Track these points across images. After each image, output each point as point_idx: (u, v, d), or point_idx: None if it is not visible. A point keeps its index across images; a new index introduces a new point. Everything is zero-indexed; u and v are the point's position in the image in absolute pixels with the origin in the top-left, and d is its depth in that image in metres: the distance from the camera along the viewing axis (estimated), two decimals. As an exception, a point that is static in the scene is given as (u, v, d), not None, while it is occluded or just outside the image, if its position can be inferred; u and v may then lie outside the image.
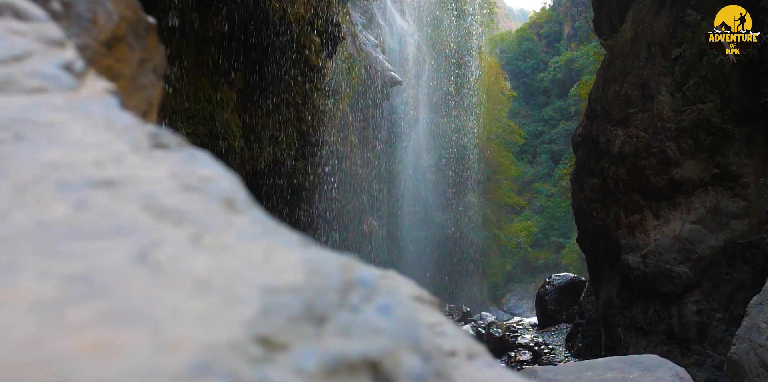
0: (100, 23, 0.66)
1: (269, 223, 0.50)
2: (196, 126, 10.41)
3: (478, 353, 0.49)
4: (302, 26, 11.56)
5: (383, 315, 0.41)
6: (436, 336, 0.49)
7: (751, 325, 7.02)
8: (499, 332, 18.94)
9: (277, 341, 0.38)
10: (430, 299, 0.58)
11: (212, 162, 0.56)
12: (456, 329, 0.53)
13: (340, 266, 0.45)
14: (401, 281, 0.59)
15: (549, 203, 46.36)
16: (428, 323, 0.51)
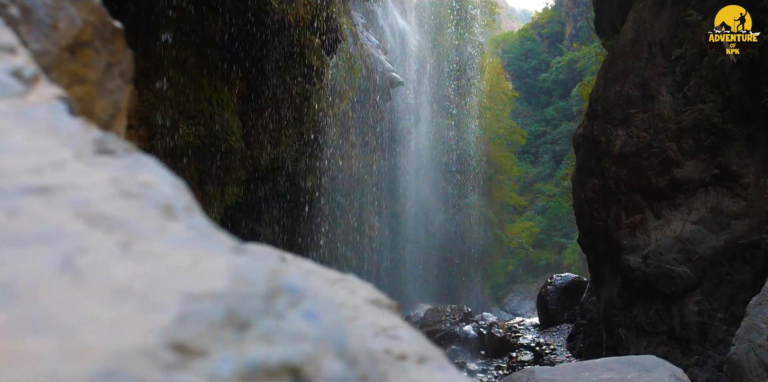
0: (61, 28, 0.66)
1: (205, 229, 0.50)
2: (197, 127, 10.42)
3: (430, 357, 0.49)
4: (302, 27, 11.57)
5: (308, 321, 0.41)
6: (389, 339, 0.49)
7: (751, 325, 7.01)
8: (500, 332, 18.94)
9: (195, 348, 0.38)
10: (388, 303, 0.59)
11: (157, 168, 0.56)
12: (411, 332, 0.53)
13: (267, 272, 0.45)
14: (359, 285, 0.59)
15: (551, 204, 46.34)
16: (382, 326, 0.52)
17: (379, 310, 0.56)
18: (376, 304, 0.57)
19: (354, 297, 0.57)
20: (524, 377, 4.77)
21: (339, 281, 0.59)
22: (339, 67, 18.79)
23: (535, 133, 53.34)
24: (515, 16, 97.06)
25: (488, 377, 16.58)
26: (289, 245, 17.31)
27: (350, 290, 0.59)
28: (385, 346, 0.49)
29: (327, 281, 0.59)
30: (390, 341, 0.50)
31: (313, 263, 0.63)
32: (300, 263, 0.60)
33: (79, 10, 0.70)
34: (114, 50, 0.85)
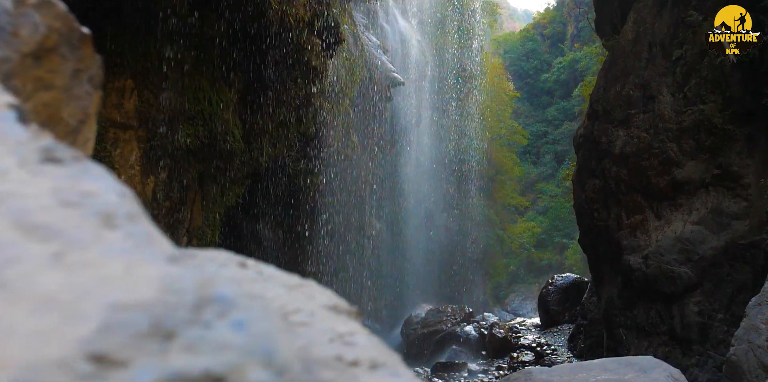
0: (22, 36, 0.66)
1: (145, 237, 0.51)
2: (196, 127, 10.43)
3: (384, 363, 0.49)
4: (302, 27, 11.57)
5: (236, 331, 0.41)
6: (343, 346, 0.50)
7: (750, 326, 7.01)
8: (501, 332, 18.94)
9: (115, 358, 0.38)
10: (347, 309, 0.59)
11: (104, 176, 0.56)
12: (368, 338, 0.53)
13: (197, 282, 0.45)
14: (318, 290, 0.59)
15: (553, 204, 46.32)
16: (338, 332, 0.52)
17: (337, 316, 0.56)
18: (335, 310, 0.58)
19: (311, 303, 0.57)
20: (522, 377, 4.77)
21: (298, 286, 0.60)
22: (339, 67, 18.79)
23: (536, 133, 53.31)
24: (517, 17, 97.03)
25: (489, 378, 16.58)
26: (289, 245, 17.30)
27: (308, 296, 0.59)
28: (336, 352, 0.49)
29: (285, 287, 0.59)
30: (344, 347, 0.50)
31: (274, 269, 0.63)
32: (261, 268, 0.60)
33: (44, 16, 0.70)
34: (82, 56, 0.85)
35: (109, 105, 9.21)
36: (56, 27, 0.72)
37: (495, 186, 38.36)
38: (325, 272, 19.60)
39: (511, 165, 40.33)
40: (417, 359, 19.75)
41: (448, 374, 17.34)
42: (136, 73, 9.39)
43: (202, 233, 11.67)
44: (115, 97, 9.29)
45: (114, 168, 9.20)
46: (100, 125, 9.10)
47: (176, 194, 10.54)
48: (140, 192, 9.59)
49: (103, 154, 9.09)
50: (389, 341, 22.51)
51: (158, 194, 10.07)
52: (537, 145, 53.26)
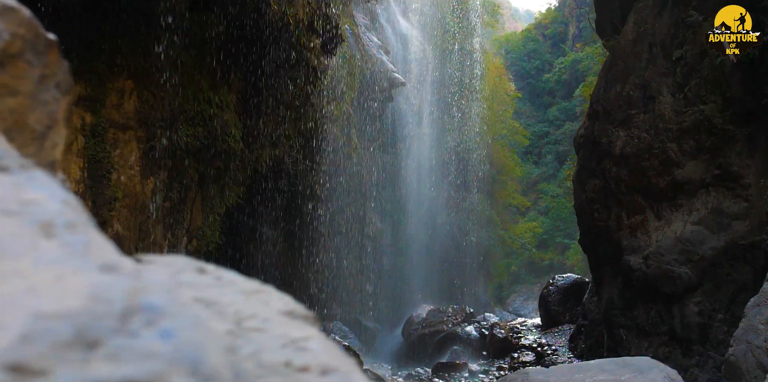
0: (-16, 42, 0.67)
1: (82, 246, 0.51)
2: (196, 128, 10.43)
3: (336, 369, 0.49)
4: (301, 28, 11.57)
5: (163, 339, 0.41)
6: (295, 351, 0.50)
7: (749, 326, 7.00)
8: (502, 333, 18.94)
9: (34, 368, 0.38)
10: (304, 315, 0.59)
11: (49, 184, 0.56)
12: (323, 344, 0.53)
13: (127, 291, 0.45)
14: (275, 296, 0.59)
15: (554, 204, 46.29)
16: (292, 338, 0.52)
17: (292, 321, 0.56)
18: (290, 315, 0.58)
19: (267, 309, 0.58)
20: (518, 378, 4.77)
21: (255, 292, 0.60)
22: (340, 67, 18.79)
23: (538, 133, 53.28)
24: (518, 17, 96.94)
25: (490, 378, 16.58)
26: (289, 245, 17.31)
27: (265, 302, 0.59)
28: (286, 358, 0.49)
29: (242, 293, 0.59)
30: (296, 352, 0.50)
31: (234, 274, 0.63)
32: (220, 274, 0.61)
33: (6, 23, 0.70)
34: (48, 62, 0.86)
35: (108, 106, 9.22)
36: (20, 33, 0.73)
37: (496, 186, 38.34)
38: (326, 272, 19.61)
39: (513, 165, 40.30)
40: (418, 359, 19.75)
41: (448, 375, 17.34)
42: (135, 73, 9.40)
43: (202, 233, 11.68)
44: (115, 97, 9.30)
45: (114, 168, 9.22)
46: (100, 126, 9.11)
47: (176, 194, 10.55)
48: (140, 192, 9.60)
49: (102, 154, 9.10)
50: (390, 341, 22.52)
51: (158, 195, 10.07)
52: (538, 146, 53.24)
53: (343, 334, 20.63)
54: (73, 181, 8.68)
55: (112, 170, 9.17)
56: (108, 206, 9.06)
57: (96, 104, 9.05)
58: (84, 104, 8.88)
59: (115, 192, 9.17)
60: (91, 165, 8.93)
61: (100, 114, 9.05)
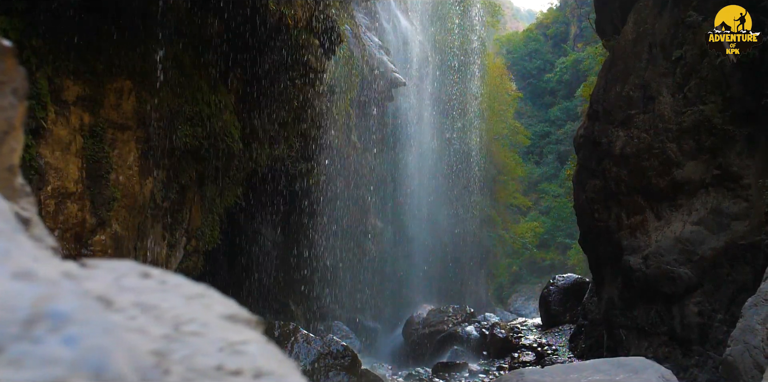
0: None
1: (1, 253, 0.51)
2: (194, 128, 10.44)
3: (271, 373, 0.50)
4: (300, 28, 11.57)
5: (66, 345, 0.42)
6: (231, 355, 0.50)
7: (746, 326, 6.99)
8: (502, 333, 18.94)
9: None
10: (246, 318, 0.59)
11: None
12: (261, 347, 0.54)
13: (35, 298, 0.45)
14: (217, 300, 0.60)
15: (555, 204, 46.33)
16: (230, 341, 0.52)
17: (233, 325, 0.57)
18: (232, 319, 0.58)
19: (208, 313, 0.58)
20: (514, 378, 4.77)
21: (197, 296, 0.60)
22: (340, 67, 18.79)
23: (539, 133, 53.32)
24: (520, 17, 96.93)
25: (490, 378, 16.57)
26: (288, 245, 17.32)
27: (206, 306, 0.59)
28: (219, 362, 0.49)
29: (184, 297, 0.59)
30: (231, 356, 0.51)
31: (180, 278, 0.63)
32: (165, 278, 0.61)
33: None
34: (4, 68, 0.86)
35: (107, 106, 9.22)
36: (-26, 41, 0.73)
37: (497, 186, 38.34)
38: (326, 271, 19.62)
39: (514, 165, 40.30)
40: (418, 359, 19.76)
41: (449, 374, 17.34)
42: (134, 74, 9.40)
43: (201, 233, 11.69)
44: (113, 98, 9.30)
45: (112, 169, 9.22)
46: (99, 126, 9.11)
47: (175, 194, 10.56)
48: (138, 193, 9.61)
49: (101, 155, 9.11)
50: (391, 341, 22.53)
51: (157, 195, 10.08)
52: (540, 146, 53.28)
53: (344, 334, 20.64)
54: (71, 181, 8.68)
55: (110, 170, 9.17)
56: (106, 206, 9.07)
57: (94, 104, 9.05)
58: (82, 104, 8.88)
59: (114, 192, 9.18)
60: (89, 165, 8.94)
61: (98, 114, 9.05)
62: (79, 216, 8.78)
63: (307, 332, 9.93)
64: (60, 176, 8.57)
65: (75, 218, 8.73)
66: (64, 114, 8.70)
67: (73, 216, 8.72)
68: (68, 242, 8.63)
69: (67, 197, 8.66)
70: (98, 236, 8.97)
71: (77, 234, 8.78)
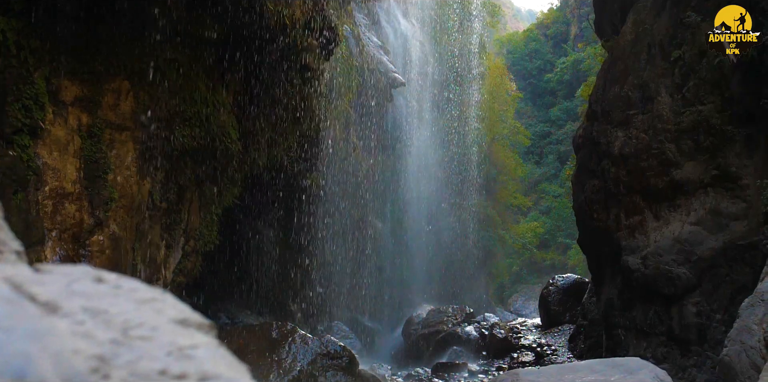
0: None
1: None
2: (192, 128, 10.45)
3: (218, 376, 0.50)
4: (298, 28, 11.58)
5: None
6: (178, 359, 0.51)
7: (743, 327, 6.99)
8: (502, 333, 18.94)
9: None
10: (198, 323, 0.60)
11: None
12: (210, 351, 0.54)
13: None
14: (169, 304, 0.60)
15: (556, 204, 46.32)
16: (179, 345, 0.53)
17: (184, 329, 0.57)
18: (183, 323, 0.59)
19: (159, 317, 0.59)
20: (509, 379, 4.77)
21: (149, 301, 0.61)
22: (339, 67, 18.80)
23: (539, 133, 53.33)
24: (520, 17, 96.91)
25: (489, 378, 16.57)
26: (288, 245, 17.31)
27: (158, 310, 0.60)
28: (163, 366, 0.50)
29: (136, 302, 0.60)
30: (177, 360, 0.51)
31: (136, 283, 0.64)
32: (120, 282, 0.61)
33: None
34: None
35: (105, 106, 9.24)
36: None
37: (497, 186, 38.33)
38: (326, 272, 19.62)
39: (514, 165, 40.29)
40: (418, 359, 19.77)
41: (448, 375, 17.35)
42: (131, 74, 9.41)
43: (199, 233, 11.69)
44: (111, 98, 9.32)
45: (110, 169, 9.24)
46: (97, 126, 9.13)
47: (173, 195, 10.57)
48: (136, 193, 9.62)
49: (99, 155, 9.12)
50: (390, 341, 22.55)
51: (155, 195, 10.09)
52: (540, 146, 53.30)
53: (344, 334, 20.66)
54: (69, 182, 8.70)
55: (108, 171, 9.19)
56: (104, 206, 9.08)
57: (92, 105, 9.07)
58: (80, 105, 8.90)
59: (112, 193, 9.19)
60: (87, 166, 8.95)
61: (96, 115, 9.07)
62: (77, 216, 8.80)
63: (304, 333, 9.94)
64: (58, 177, 8.58)
65: (73, 219, 8.75)
66: (62, 114, 8.71)
67: (71, 216, 8.73)
68: (66, 242, 8.64)
69: (65, 198, 8.67)
70: (96, 236, 8.98)
71: (75, 234, 8.79)
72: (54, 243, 8.48)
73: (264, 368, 9.13)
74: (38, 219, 8.29)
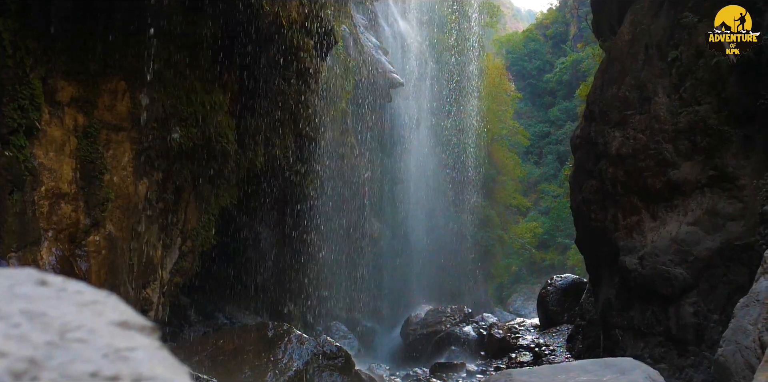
0: None
1: None
2: (189, 129, 10.45)
3: (152, 378, 0.51)
4: (295, 29, 11.59)
5: None
6: (113, 361, 0.51)
7: (738, 327, 6.99)
8: (500, 333, 18.95)
9: None
10: (140, 325, 0.60)
11: None
12: (149, 353, 0.55)
13: None
14: (111, 307, 0.61)
15: (555, 204, 46.31)
16: (116, 348, 0.53)
17: (123, 332, 0.58)
18: (123, 326, 0.59)
19: (99, 320, 0.59)
20: (502, 379, 4.78)
21: (91, 303, 0.61)
22: (337, 68, 18.80)
23: (539, 133, 53.34)
24: (520, 17, 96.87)
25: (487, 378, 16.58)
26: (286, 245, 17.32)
27: (98, 313, 0.60)
28: (95, 368, 0.51)
29: (77, 304, 0.60)
30: (112, 362, 0.52)
31: (82, 285, 0.64)
32: (65, 285, 0.62)
33: None
34: None
35: (101, 107, 9.24)
36: None
37: (496, 186, 38.35)
38: (324, 272, 19.63)
39: (513, 165, 40.31)
40: (416, 359, 19.81)
41: (446, 375, 17.37)
42: (128, 74, 9.42)
43: (196, 233, 11.70)
44: (108, 98, 9.33)
45: (106, 169, 9.25)
46: (93, 127, 9.13)
47: (170, 195, 10.58)
48: (133, 193, 9.63)
49: (95, 155, 9.13)
50: (389, 341, 22.58)
51: (151, 196, 10.10)
52: (539, 146, 53.30)
53: (342, 334, 20.68)
54: (65, 182, 8.71)
55: (104, 171, 9.20)
56: (101, 206, 9.09)
57: (88, 105, 9.08)
58: (76, 105, 8.91)
59: (108, 193, 9.20)
60: (83, 166, 8.96)
61: (92, 115, 9.08)
62: (73, 217, 8.80)
63: (300, 333, 9.95)
64: (54, 177, 8.59)
65: (69, 219, 8.75)
66: (58, 115, 8.72)
67: (67, 217, 8.74)
68: (62, 242, 8.65)
69: (61, 198, 8.68)
70: (92, 236, 8.99)
71: (71, 235, 8.80)
72: (50, 243, 8.49)
73: (260, 368, 9.15)
74: (34, 219, 8.30)
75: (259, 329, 9.91)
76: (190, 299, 14.62)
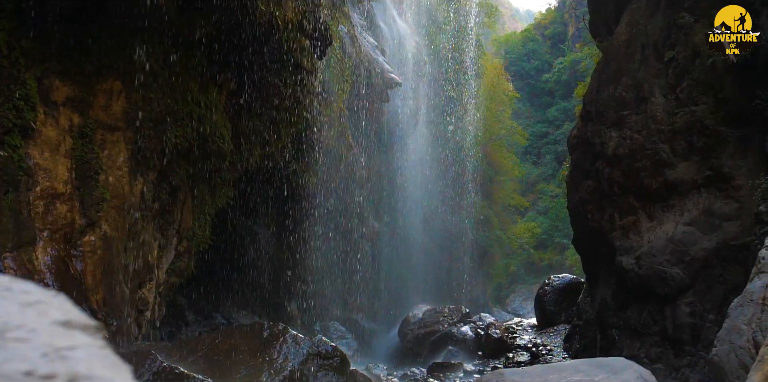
0: None
1: None
2: (185, 129, 10.45)
3: (89, 377, 0.51)
4: (291, 29, 11.58)
5: None
6: (52, 360, 0.52)
7: (732, 327, 7.00)
8: (497, 333, 18.95)
9: None
10: (83, 324, 0.61)
11: None
12: (89, 352, 0.55)
13: None
14: (56, 307, 0.61)
15: (553, 204, 46.31)
16: (56, 347, 0.54)
17: (66, 331, 0.58)
18: (66, 325, 0.59)
19: (41, 319, 0.59)
20: (494, 379, 4.79)
21: (35, 303, 0.61)
22: (333, 68, 18.80)
23: (537, 133, 53.33)
24: (519, 17, 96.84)
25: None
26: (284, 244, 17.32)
27: (41, 312, 0.61)
28: (30, 367, 0.51)
29: (21, 304, 0.61)
30: (50, 361, 0.52)
31: (30, 285, 0.65)
32: (12, 285, 0.62)
33: None
34: None
35: (96, 107, 9.24)
36: None
37: (494, 186, 38.38)
38: (322, 272, 19.63)
39: (511, 166, 40.33)
40: (414, 359, 19.80)
41: (444, 375, 17.35)
42: (123, 74, 9.41)
43: (192, 233, 11.70)
44: (103, 98, 9.32)
45: (102, 169, 9.24)
46: (88, 127, 9.12)
47: (165, 195, 10.57)
48: (128, 193, 9.62)
49: (90, 155, 9.12)
50: (387, 341, 22.57)
51: (147, 195, 10.09)
52: (538, 146, 53.30)
53: (340, 334, 20.68)
54: (60, 182, 8.70)
55: (100, 171, 9.19)
56: (96, 206, 9.08)
57: (84, 105, 9.07)
58: (72, 105, 8.90)
59: (103, 193, 9.19)
60: (78, 166, 8.95)
61: (87, 115, 9.07)
62: (69, 217, 8.80)
63: (295, 333, 9.94)
64: (49, 177, 8.58)
65: (64, 219, 8.75)
66: (53, 115, 8.71)
67: (62, 217, 8.73)
68: (57, 242, 8.64)
69: (56, 198, 8.68)
70: (88, 236, 8.98)
71: (67, 235, 8.79)
72: (45, 243, 8.48)
73: (256, 368, 9.14)
74: (29, 219, 8.30)
75: (254, 328, 9.89)
76: (188, 299, 14.62)
